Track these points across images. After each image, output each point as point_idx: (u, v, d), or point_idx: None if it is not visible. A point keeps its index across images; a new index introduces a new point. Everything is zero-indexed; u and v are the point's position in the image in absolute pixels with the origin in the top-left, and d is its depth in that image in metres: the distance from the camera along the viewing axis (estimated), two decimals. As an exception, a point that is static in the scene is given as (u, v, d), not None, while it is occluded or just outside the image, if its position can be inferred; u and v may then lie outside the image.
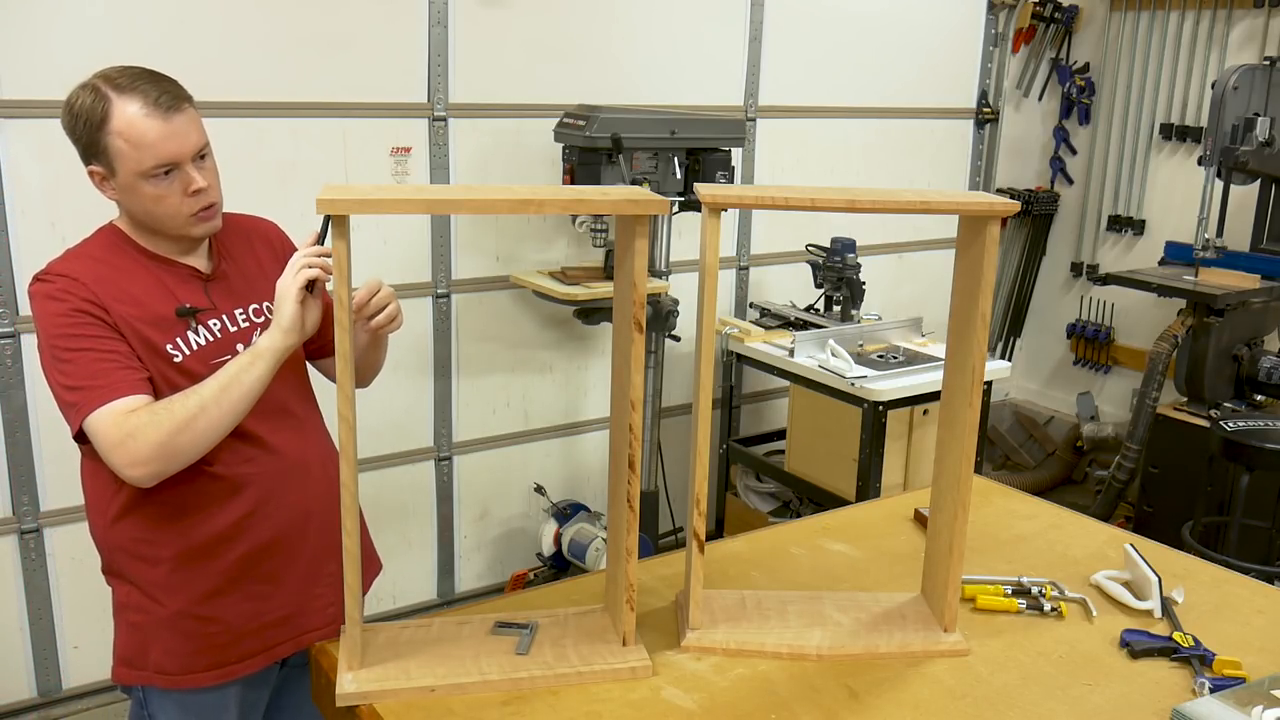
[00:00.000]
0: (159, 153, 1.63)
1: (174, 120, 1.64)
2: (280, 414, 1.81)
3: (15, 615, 3.06)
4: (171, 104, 1.64)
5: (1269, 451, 3.35)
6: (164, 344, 1.69)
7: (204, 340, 1.73)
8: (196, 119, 1.69)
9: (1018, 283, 5.41)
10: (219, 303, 1.77)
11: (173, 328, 1.71)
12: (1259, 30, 4.49)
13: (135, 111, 1.61)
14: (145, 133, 1.62)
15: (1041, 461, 5.23)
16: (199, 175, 1.68)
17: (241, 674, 1.82)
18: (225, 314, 1.77)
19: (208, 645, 1.78)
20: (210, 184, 1.70)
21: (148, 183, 1.65)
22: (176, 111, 1.64)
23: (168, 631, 1.77)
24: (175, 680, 1.79)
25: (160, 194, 1.66)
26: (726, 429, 4.10)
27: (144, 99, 1.62)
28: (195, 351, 1.71)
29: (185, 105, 1.67)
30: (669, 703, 1.53)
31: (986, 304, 1.61)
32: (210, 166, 1.72)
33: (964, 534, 1.68)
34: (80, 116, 1.64)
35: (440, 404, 3.64)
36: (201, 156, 1.69)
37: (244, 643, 1.80)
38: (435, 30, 3.33)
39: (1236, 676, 1.61)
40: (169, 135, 1.63)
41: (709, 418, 1.67)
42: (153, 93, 1.63)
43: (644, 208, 1.52)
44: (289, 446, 1.81)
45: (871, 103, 4.41)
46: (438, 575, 3.77)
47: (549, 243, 3.71)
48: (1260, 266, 4.06)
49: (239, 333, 1.78)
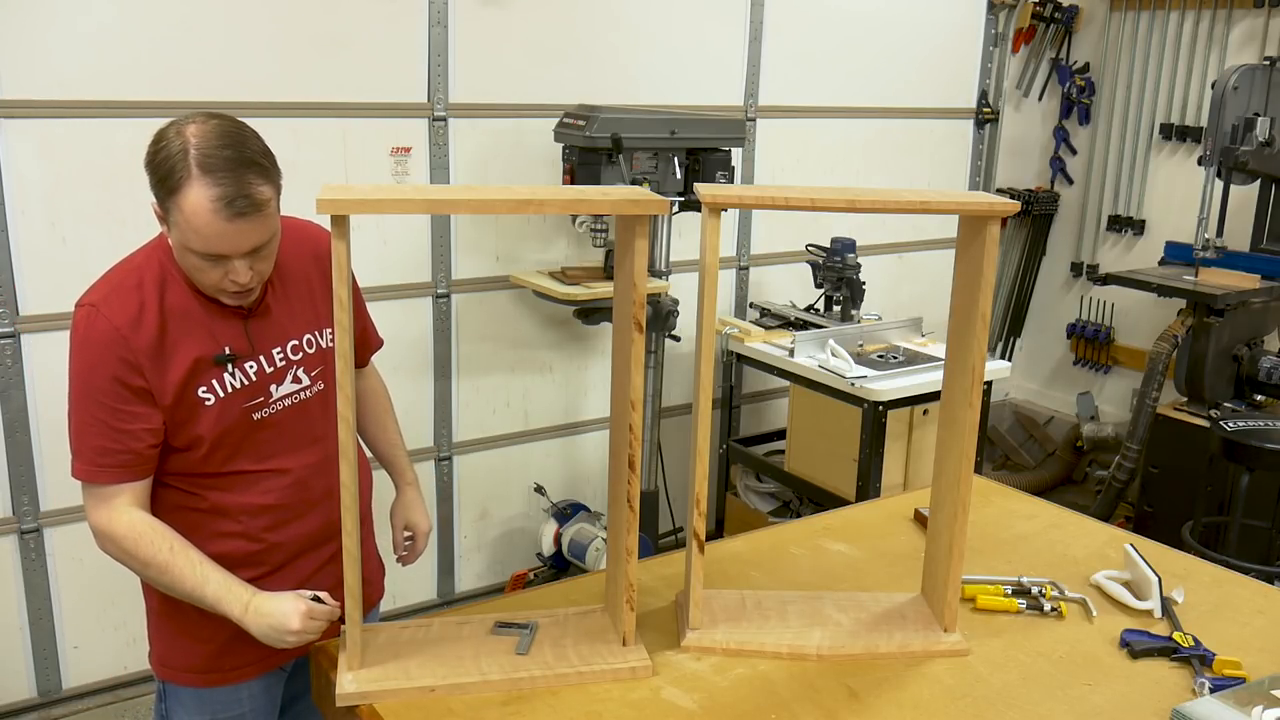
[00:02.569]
0: (210, 246, 1.56)
1: (239, 225, 1.55)
2: (315, 442, 1.80)
3: (15, 615, 3.06)
4: (244, 209, 1.54)
5: (1269, 451, 3.35)
6: (196, 389, 1.67)
7: (238, 384, 1.70)
8: (268, 221, 1.59)
9: (1018, 283, 5.41)
10: (258, 344, 1.72)
11: (207, 371, 1.68)
12: (1259, 30, 4.49)
13: (203, 201, 1.52)
14: (204, 226, 1.53)
15: (1041, 461, 5.23)
16: (245, 272, 1.60)
17: (252, 675, 1.83)
18: (263, 354, 1.73)
19: (199, 646, 1.79)
20: (255, 274, 1.63)
21: (193, 255, 1.59)
22: (245, 219, 1.55)
23: (179, 628, 1.79)
24: (188, 679, 1.81)
25: (203, 268, 1.60)
26: (726, 429, 4.10)
27: (219, 194, 1.52)
28: (227, 396, 1.69)
29: (262, 211, 1.57)
30: (669, 703, 1.53)
31: (986, 304, 1.61)
32: (266, 255, 1.64)
33: (964, 534, 1.69)
34: (160, 168, 1.56)
35: (440, 404, 3.64)
36: (257, 249, 1.61)
37: (238, 650, 1.79)
38: (435, 30, 3.33)
39: (1236, 676, 1.61)
40: (225, 235, 1.55)
41: (709, 418, 1.67)
42: (230, 192, 1.52)
43: (644, 208, 1.52)
44: (311, 479, 1.80)
45: (871, 103, 4.41)
46: (438, 575, 3.77)
47: (549, 243, 3.71)
48: (1260, 266, 4.06)
49: (275, 373, 1.75)
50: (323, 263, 1.81)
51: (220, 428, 1.69)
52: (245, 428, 1.72)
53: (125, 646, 3.20)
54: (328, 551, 1.84)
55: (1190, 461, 3.81)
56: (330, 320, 1.77)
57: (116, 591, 3.07)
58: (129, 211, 2.88)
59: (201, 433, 1.68)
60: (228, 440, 1.71)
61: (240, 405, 1.71)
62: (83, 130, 2.88)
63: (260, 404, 1.73)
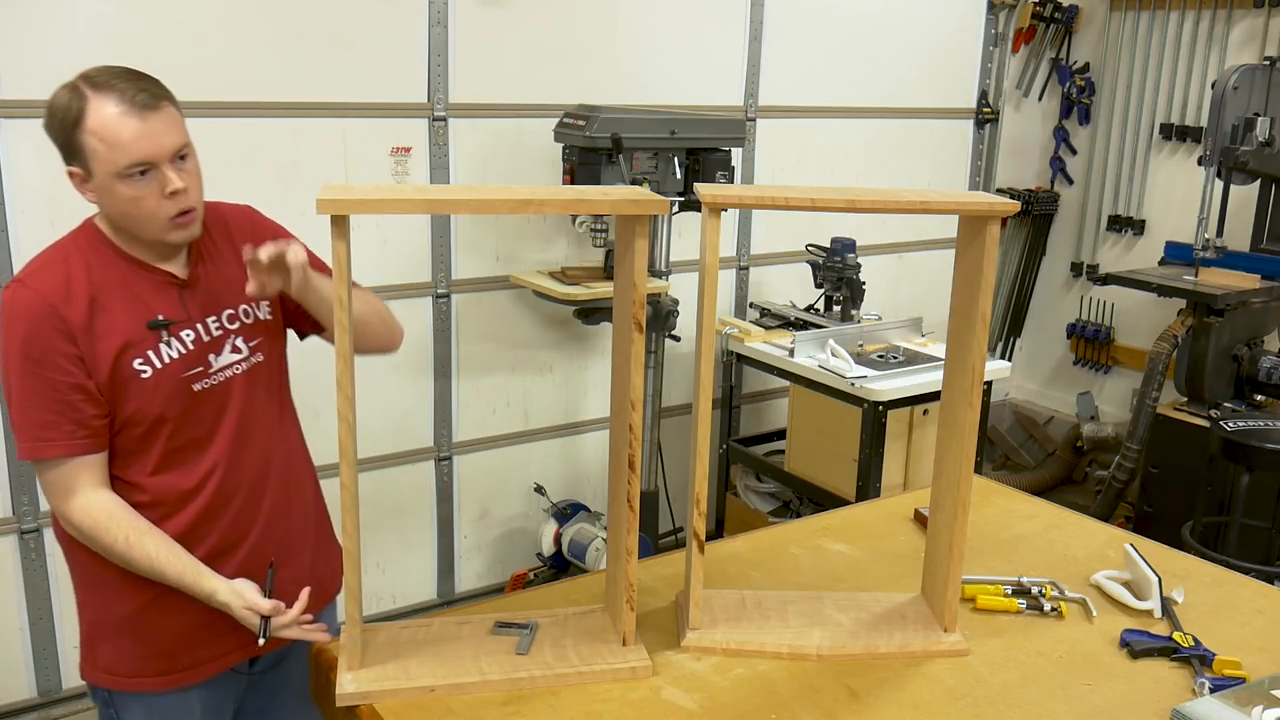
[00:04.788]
0: (134, 152, 1.57)
1: (150, 119, 1.57)
2: (246, 428, 1.78)
3: (15, 615, 3.06)
4: (149, 102, 1.57)
5: (1269, 451, 3.35)
6: (132, 360, 1.65)
7: (175, 354, 1.68)
8: (177, 119, 1.63)
9: (1018, 283, 5.41)
10: (193, 312, 1.71)
11: (143, 341, 1.66)
12: (1259, 30, 4.49)
13: (111, 110, 1.55)
14: (120, 131, 1.56)
15: (1041, 461, 5.23)
16: (177, 176, 1.61)
17: (192, 681, 1.80)
18: (199, 323, 1.72)
19: (158, 651, 1.76)
20: (190, 186, 1.63)
21: (123, 184, 1.59)
22: (153, 110, 1.58)
23: (120, 633, 1.76)
24: (124, 683, 1.78)
25: (136, 195, 1.59)
26: (726, 429, 4.10)
27: (120, 97, 1.56)
28: (165, 366, 1.67)
29: (164, 104, 1.60)
30: (669, 703, 1.53)
31: (986, 304, 1.61)
32: (191, 169, 1.65)
33: (964, 534, 1.69)
34: (57, 115, 1.58)
35: (440, 404, 3.64)
36: (181, 157, 1.63)
37: (195, 650, 1.78)
38: (435, 30, 3.33)
39: (1236, 676, 1.61)
40: (144, 134, 1.57)
41: (709, 418, 1.67)
42: (129, 91, 1.57)
43: (644, 208, 1.52)
44: (250, 458, 1.78)
45: (872, 103, 4.41)
46: (438, 575, 3.77)
47: (549, 243, 3.71)
48: (1260, 266, 4.06)
49: (211, 342, 1.73)
50: (236, 235, 1.79)
51: (159, 401, 1.66)
52: (185, 400, 1.69)
53: (125, 646, 3.19)
54: (276, 533, 1.82)
55: (1190, 461, 3.81)
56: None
57: (116, 591, 3.07)
58: (129, 211, 2.87)
59: (139, 408, 1.65)
60: (168, 415, 1.68)
61: (179, 375, 1.68)
62: (83, 130, 2.88)
63: (200, 374, 1.70)
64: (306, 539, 1.91)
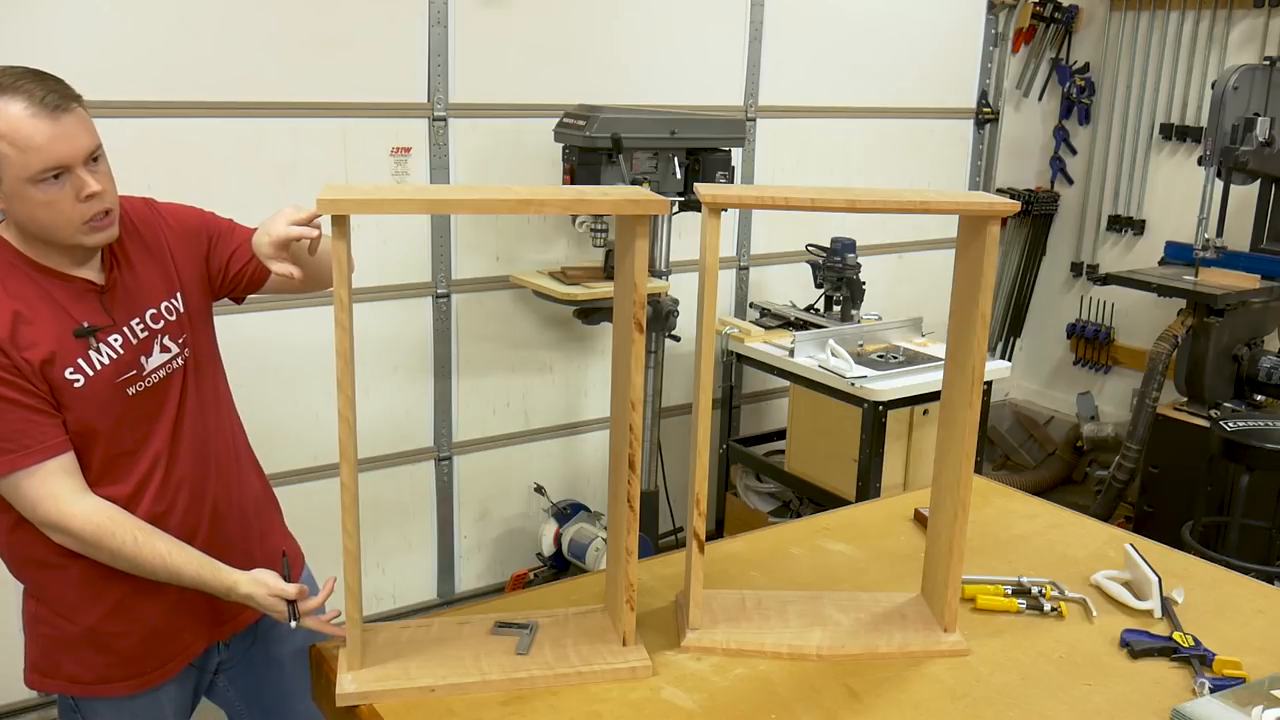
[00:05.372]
0: (46, 156, 1.51)
1: (62, 121, 1.52)
2: (181, 425, 1.75)
3: (15, 615, 3.05)
4: (59, 103, 1.52)
5: (1269, 451, 3.35)
6: (63, 371, 1.60)
7: (106, 360, 1.64)
8: (86, 119, 1.58)
9: (1018, 283, 5.41)
10: (117, 316, 1.67)
11: (71, 351, 1.61)
12: (1259, 30, 4.49)
13: (19, 112, 1.49)
14: (31, 135, 1.50)
15: (1041, 461, 5.23)
16: (91, 179, 1.56)
17: (159, 681, 1.79)
18: (124, 326, 1.68)
19: (121, 658, 1.75)
20: (105, 188, 1.59)
21: (36, 188, 1.53)
22: (64, 112, 1.53)
23: (80, 646, 1.74)
24: (90, 690, 1.77)
25: (50, 200, 1.54)
26: (726, 429, 4.10)
27: (28, 99, 1.50)
28: (98, 373, 1.63)
29: (73, 105, 1.55)
30: (669, 703, 1.53)
31: (986, 304, 1.62)
32: (104, 170, 1.60)
33: (964, 534, 1.69)
34: None
35: (440, 404, 3.64)
36: (94, 159, 1.58)
37: (160, 650, 1.78)
38: (435, 30, 3.33)
39: (1236, 676, 1.62)
40: (57, 137, 1.51)
41: (709, 418, 1.67)
42: (38, 92, 1.51)
43: (644, 208, 1.52)
44: (187, 455, 1.76)
45: (871, 103, 4.41)
46: (438, 575, 3.77)
47: (549, 243, 3.71)
48: (1260, 266, 4.06)
49: (140, 344, 1.69)
50: (144, 231, 1.76)
51: (94, 408, 1.63)
52: (120, 405, 1.66)
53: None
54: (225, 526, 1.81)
55: (1190, 461, 3.81)
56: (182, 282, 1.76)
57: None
58: (129, 211, 2.87)
59: (75, 419, 1.62)
60: (101, 424, 1.65)
61: (113, 381, 1.65)
62: (83, 130, 2.88)
63: (134, 378, 1.68)
64: (252, 529, 1.90)
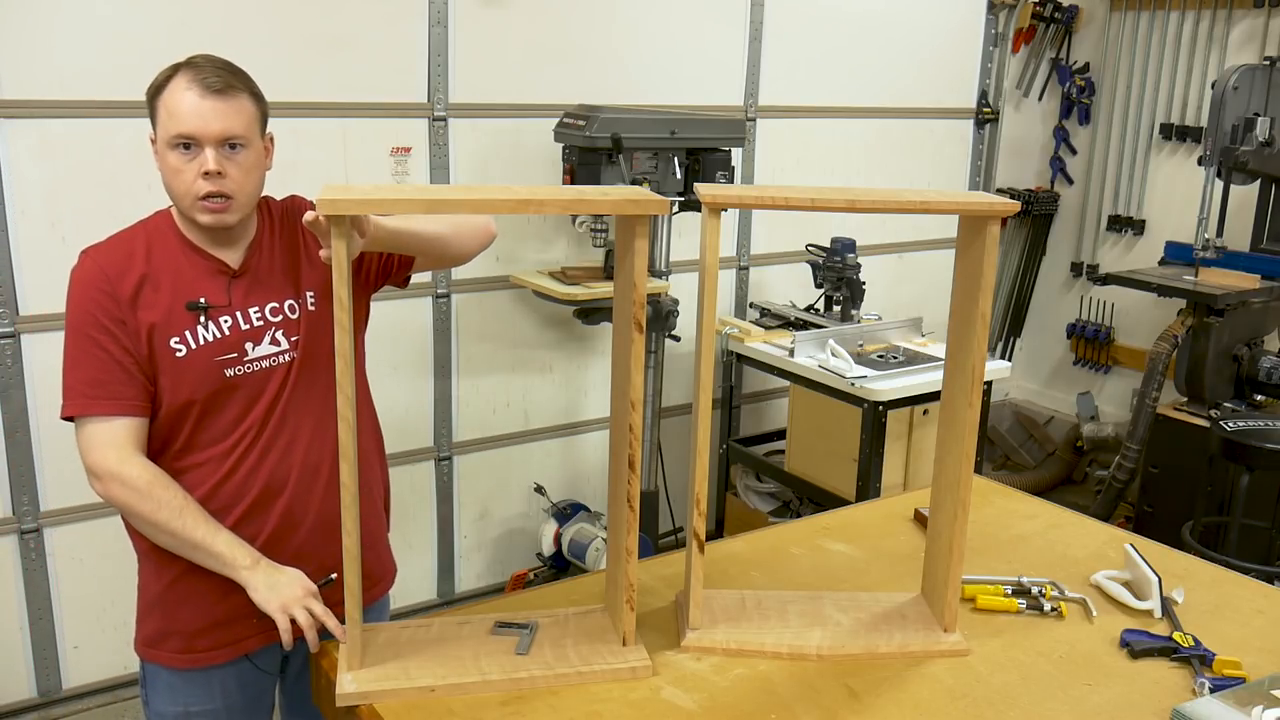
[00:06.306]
0: (180, 123, 1.64)
1: (211, 100, 1.65)
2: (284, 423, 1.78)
3: (15, 615, 3.06)
4: (218, 86, 1.65)
5: (1269, 451, 3.35)
6: (168, 339, 1.70)
7: (211, 336, 1.73)
8: (244, 111, 1.69)
9: (1018, 283, 5.41)
10: (236, 300, 1.75)
11: (180, 322, 1.71)
12: (1259, 30, 4.49)
13: (180, 81, 1.66)
14: (180, 103, 1.64)
15: (1041, 461, 5.23)
16: (214, 159, 1.66)
17: (211, 663, 1.81)
18: (239, 311, 1.75)
19: (180, 630, 1.79)
20: (230, 175, 1.68)
21: (171, 153, 1.66)
22: (219, 95, 1.65)
23: (154, 609, 1.81)
24: (152, 653, 1.83)
25: (177, 167, 1.67)
26: (726, 429, 4.10)
27: (194, 74, 1.65)
28: (199, 347, 1.72)
29: (235, 94, 1.68)
30: (669, 703, 1.53)
31: (986, 304, 1.62)
32: (241, 161, 1.69)
33: (964, 534, 1.69)
34: (152, 84, 1.69)
35: (440, 404, 3.64)
36: (232, 146, 1.68)
37: (213, 632, 1.79)
38: (435, 30, 3.33)
39: (1236, 676, 1.61)
40: (198, 113, 1.64)
41: (709, 418, 1.67)
42: (206, 71, 1.66)
43: (644, 208, 1.52)
44: (287, 454, 1.78)
45: (871, 103, 4.41)
46: (438, 575, 3.77)
47: (549, 243, 3.71)
48: (1260, 266, 4.06)
49: (250, 330, 1.76)
50: (290, 231, 1.85)
51: (191, 380, 1.70)
52: (216, 382, 1.72)
53: (125, 646, 3.17)
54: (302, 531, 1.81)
55: (1190, 461, 3.81)
56: (312, 285, 1.81)
57: (116, 591, 3.07)
58: (129, 211, 2.82)
59: (171, 385, 1.70)
60: (196, 397, 1.71)
61: (212, 358, 1.72)
62: (83, 130, 2.88)
63: (234, 360, 1.73)
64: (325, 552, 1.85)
